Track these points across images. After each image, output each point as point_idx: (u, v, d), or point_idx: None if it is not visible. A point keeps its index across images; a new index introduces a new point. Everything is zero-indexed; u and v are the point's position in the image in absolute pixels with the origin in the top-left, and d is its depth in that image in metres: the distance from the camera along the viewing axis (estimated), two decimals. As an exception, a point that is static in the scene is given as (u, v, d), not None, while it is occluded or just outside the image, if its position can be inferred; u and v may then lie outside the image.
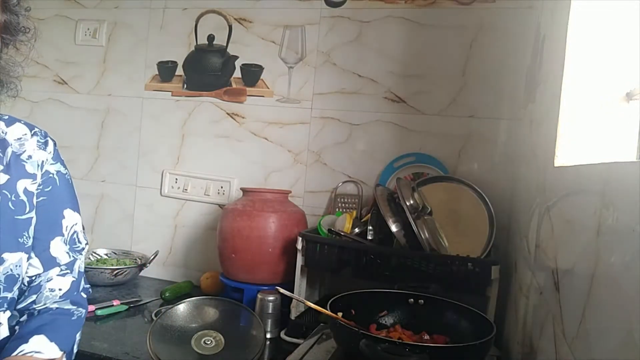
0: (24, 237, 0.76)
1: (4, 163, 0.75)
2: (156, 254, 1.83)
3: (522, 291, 1.11)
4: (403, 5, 1.64)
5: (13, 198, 0.75)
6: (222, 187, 1.84)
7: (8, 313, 0.75)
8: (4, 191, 0.74)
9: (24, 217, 0.76)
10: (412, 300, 1.14)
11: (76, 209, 0.88)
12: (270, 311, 1.38)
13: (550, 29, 1.06)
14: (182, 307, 1.27)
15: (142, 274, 1.84)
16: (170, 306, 1.30)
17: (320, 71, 1.74)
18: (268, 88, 1.80)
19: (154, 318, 1.39)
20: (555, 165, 0.85)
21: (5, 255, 0.73)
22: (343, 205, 1.66)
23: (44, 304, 0.80)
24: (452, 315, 1.10)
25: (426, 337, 1.06)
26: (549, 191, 0.91)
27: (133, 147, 1.96)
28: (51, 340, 0.75)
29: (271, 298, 1.39)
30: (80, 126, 1.99)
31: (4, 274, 0.73)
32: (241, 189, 1.66)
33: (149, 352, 1.14)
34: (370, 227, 1.41)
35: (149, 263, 1.82)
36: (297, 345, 1.18)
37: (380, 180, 1.64)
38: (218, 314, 1.29)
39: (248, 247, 1.50)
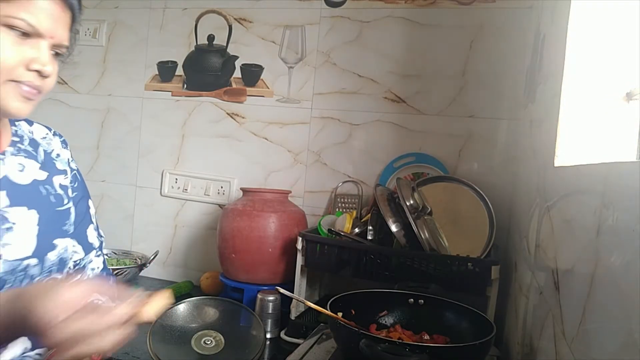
0: (67, 225, 0.84)
1: (39, 161, 0.82)
2: (156, 254, 1.83)
3: (522, 291, 1.11)
4: (403, 5, 1.64)
5: (52, 192, 0.82)
6: (222, 187, 1.84)
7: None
8: (46, 186, 0.81)
9: (63, 208, 0.84)
10: (412, 300, 1.14)
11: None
12: (270, 311, 1.38)
13: (550, 29, 1.06)
14: (182, 307, 1.27)
15: (142, 274, 1.84)
16: (170, 306, 1.30)
17: (320, 71, 1.74)
18: (268, 88, 1.80)
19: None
20: (555, 165, 0.85)
21: (56, 242, 0.81)
22: (343, 205, 1.66)
23: None
24: (452, 315, 1.10)
25: (426, 337, 1.06)
26: (549, 191, 0.91)
27: (133, 147, 1.96)
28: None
29: (271, 298, 1.39)
30: (80, 126, 1.99)
31: (57, 257, 0.81)
32: (241, 189, 1.66)
33: (149, 352, 1.14)
34: (370, 227, 1.41)
35: (149, 263, 1.82)
36: (297, 345, 1.18)
37: (380, 180, 1.64)
38: (218, 314, 1.29)
39: (248, 247, 1.50)
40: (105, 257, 1.86)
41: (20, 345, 0.74)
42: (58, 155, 0.87)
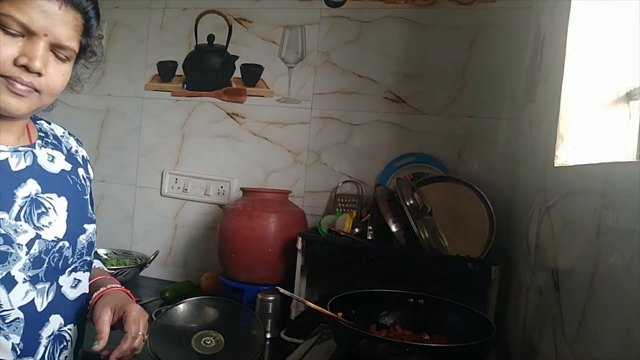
0: (89, 212, 0.90)
1: (64, 153, 0.89)
2: (156, 254, 1.83)
3: (522, 291, 1.11)
4: (403, 5, 1.64)
5: (77, 182, 0.89)
6: (222, 187, 1.84)
7: (87, 274, 0.88)
8: (72, 176, 0.88)
9: (86, 197, 0.91)
10: (412, 300, 1.14)
11: None
12: (270, 311, 1.38)
13: (550, 29, 1.06)
14: (182, 307, 1.27)
15: (142, 274, 1.83)
16: (170, 306, 1.30)
17: (320, 71, 1.74)
18: (268, 88, 1.80)
19: (154, 318, 1.39)
20: (555, 165, 0.85)
21: (85, 226, 0.87)
22: (343, 205, 1.66)
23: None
24: (452, 315, 1.10)
25: (426, 337, 1.06)
26: (549, 191, 0.91)
27: (133, 147, 1.96)
28: None
29: (271, 298, 1.39)
30: (80, 126, 1.99)
31: (86, 241, 0.87)
32: (241, 189, 1.66)
33: (149, 352, 1.13)
34: (370, 227, 1.41)
35: (149, 263, 1.81)
36: (297, 345, 1.18)
37: (380, 180, 1.64)
38: (218, 314, 1.29)
39: (248, 247, 1.50)
40: (105, 257, 1.88)
41: (56, 321, 0.80)
42: (76, 151, 0.93)
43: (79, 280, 0.85)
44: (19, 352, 0.72)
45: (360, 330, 0.92)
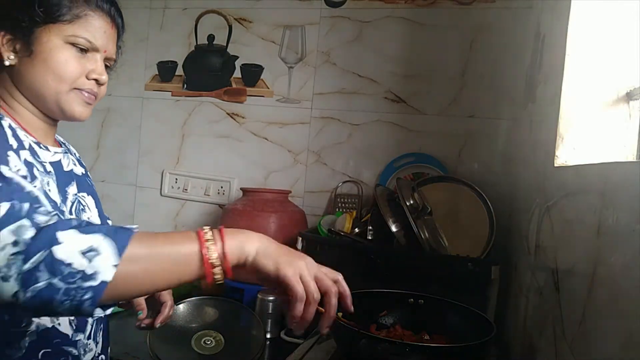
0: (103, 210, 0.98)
1: (75, 158, 0.95)
2: (156, 254, 1.83)
3: (522, 291, 1.11)
4: (403, 5, 1.64)
5: (91, 184, 0.97)
6: (222, 187, 1.84)
7: None
8: (87, 179, 0.95)
9: (99, 197, 0.99)
10: (412, 300, 1.14)
11: None
12: (270, 311, 1.38)
13: (550, 29, 1.06)
14: (182, 307, 1.27)
15: (142, 274, 1.83)
16: (170, 306, 1.30)
17: (320, 71, 1.74)
18: (268, 88, 1.80)
19: (154, 318, 1.39)
20: (555, 165, 0.85)
21: (108, 222, 0.98)
22: (343, 205, 1.66)
23: None
24: (452, 315, 1.09)
25: (426, 337, 1.06)
26: (549, 191, 0.91)
27: (133, 147, 1.96)
28: None
29: (271, 298, 1.39)
30: (80, 126, 1.99)
31: None
32: (241, 189, 1.66)
33: (149, 352, 1.14)
34: (370, 227, 1.41)
35: (149, 263, 1.81)
36: (297, 345, 1.18)
37: (380, 180, 1.64)
38: (218, 314, 1.29)
39: (248, 247, 1.50)
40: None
41: None
42: (79, 156, 1.00)
43: None
44: (74, 328, 0.80)
45: (360, 330, 0.92)
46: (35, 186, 0.63)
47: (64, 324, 0.78)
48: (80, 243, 0.53)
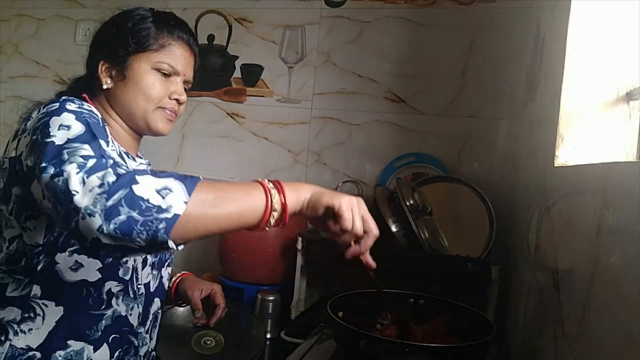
0: None
1: None
2: (156, 254, 1.83)
3: (522, 291, 1.11)
4: (403, 5, 1.64)
5: None
6: (222, 187, 1.84)
7: (169, 268, 1.01)
8: None
9: None
10: (412, 300, 1.14)
11: None
12: (270, 311, 1.38)
13: (550, 29, 1.06)
14: (182, 307, 1.27)
15: (142, 274, 1.83)
16: (170, 306, 1.30)
17: (320, 71, 1.74)
18: (268, 88, 1.80)
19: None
20: (555, 165, 0.85)
21: None
22: (343, 205, 1.66)
23: None
24: (452, 315, 1.10)
25: (426, 324, 1.06)
26: (549, 191, 0.91)
27: (133, 147, 1.96)
28: None
29: (271, 298, 1.39)
30: (80, 126, 1.99)
31: None
32: (241, 189, 1.66)
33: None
34: (370, 227, 1.40)
35: (149, 263, 1.81)
36: (297, 345, 1.18)
37: (380, 180, 1.64)
38: (218, 314, 1.28)
39: (248, 247, 1.50)
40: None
41: (157, 303, 0.95)
42: None
43: (169, 274, 1.02)
44: (139, 320, 0.89)
45: (360, 330, 0.92)
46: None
47: (134, 315, 0.87)
48: (156, 183, 0.61)
